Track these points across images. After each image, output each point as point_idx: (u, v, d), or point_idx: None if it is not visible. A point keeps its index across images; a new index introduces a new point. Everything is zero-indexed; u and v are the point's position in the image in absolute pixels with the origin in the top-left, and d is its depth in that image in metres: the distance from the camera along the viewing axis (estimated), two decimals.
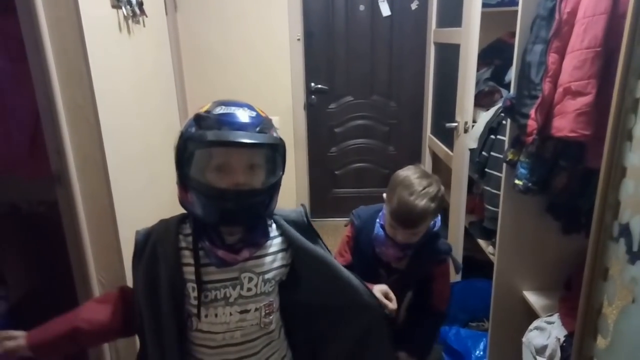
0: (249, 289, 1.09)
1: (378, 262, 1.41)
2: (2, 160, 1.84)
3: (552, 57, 1.30)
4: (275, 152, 1.05)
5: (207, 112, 1.01)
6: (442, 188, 1.32)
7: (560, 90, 1.27)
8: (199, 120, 1.01)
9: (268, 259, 1.11)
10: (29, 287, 2.13)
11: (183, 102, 2.87)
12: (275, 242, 1.13)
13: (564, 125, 1.26)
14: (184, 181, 1.03)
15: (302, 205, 1.24)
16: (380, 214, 1.42)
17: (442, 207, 1.32)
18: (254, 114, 1.02)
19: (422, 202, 1.25)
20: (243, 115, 1.00)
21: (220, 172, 1.00)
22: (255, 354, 1.12)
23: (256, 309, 1.09)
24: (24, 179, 1.88)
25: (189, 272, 1.06)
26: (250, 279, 1.09)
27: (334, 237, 3.41)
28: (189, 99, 2.97)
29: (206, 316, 1.07)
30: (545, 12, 1.35)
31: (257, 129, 1.00)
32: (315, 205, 3.66)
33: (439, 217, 1.43)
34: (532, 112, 1.35)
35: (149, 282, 1.08)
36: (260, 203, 1.03)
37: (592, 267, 1.11)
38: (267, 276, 1.11)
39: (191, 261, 1.06)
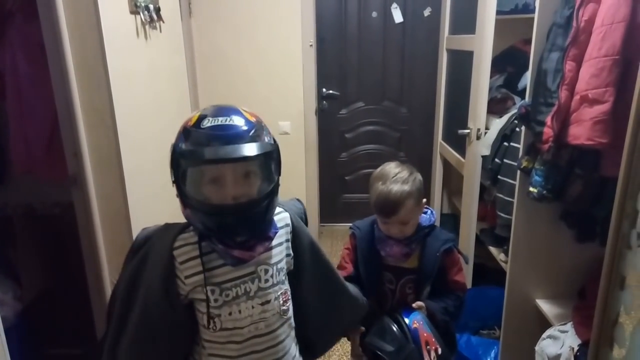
0: (267, 280, 1.10)
1: (384, 267, 1.42)
2: (20, 161, 1.87)
3: (569, 65, 1.30)
4: (269, 159, 1.03)
5: (195, 125, 0.98)
6: (418, 174, 1.35)
7: (577, 98, 1.27)
8: (188, 134, 0.99)
9: (278, 249, 1.14)
10: (42, 287, 2.15)
11: (196, 107, 2.89)
12: (280, 233, 1.15)
13: (580, 133, 1.25)
14: (182, 197, 1.03)
15: (299, 199, 1.27)
16: (376, 220, 1.44)
17: (421, 191, 1.33)
18: (242, 121, 0.99)
19: (395, 187, 1.28)
20: (232, 127, 0.97)
21: (215, 185, 0.99)
22: (280, 343, 1.14)
23: (275, 299, 1.12)
24: (40, 180, 1.90)
25: (199, 280, 1.06)
26: (267, 271, 1.10)
27: (342, 242, 3.40)
28: (202, 103, 2.99)
29: (230, 314, 1.08)
30: (562, 20, 1.35)
31: (248, 138, 0.97)
32: (325, 210, 3.66)
33: (433, 212, 1.45)
34: (548, 120, 1.35)
35: (131, 282, 1.07)
36: (260, 212, 1.02)
37: (608, 276, 1.11)
38: (279, 265, 1.13)
39: (199, 269, 1.06)
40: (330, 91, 3.47)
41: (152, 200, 1.89)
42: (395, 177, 1.31)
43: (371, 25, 3.37)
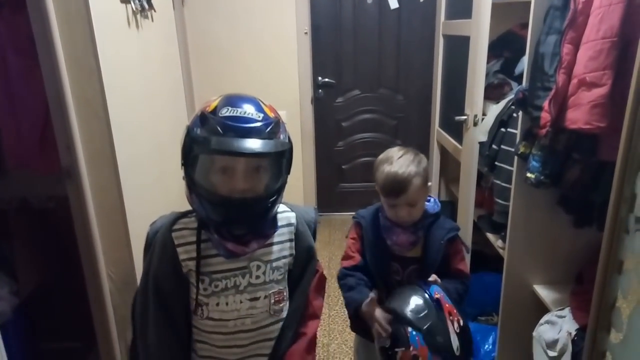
0: (258, 277, 1.10)
1: (391, 256, 1.41)
2: (13, 155, 1.85)
3: (566, 48, 1.28)
4: (281, 157, 1.03)
5: (213, 112, 0.98)
6: (422, 156, 1.36)
7: (574, 81, 1.26)
8: (204, 120, 0.98)
9: (276, 247, 1.13)
10: (38, 282, 2.15)
11: (190, 97, 2.87)
12: (282, 231, 1.14)
13: (578, 117, 1.24)
14: (189, 183, 1.03)
15: (315, 209, 1.27)
16: (381, 208, 1.43)
17: (427, 172, 1.34)
18: (261, 116, 0.98)
19: (402, 167, 1.29)
20: (249, 119, 0.97)
21: (224, 175, 0.99)
22: (269, 341, 1.14)
23: (265, 297, 1.11)
24: (35, 174, 1.88)
25: (192, 265, 1.07)
26: (259, 267, 1.10)
27: (340, 232, 3.41)
28: (196, 93, 2.96)
29: (217, 304, 1.08)
30: (560, 3, 1.33)
31: (264, 134, 0.97)
32: (322, 200, 3.66)
33: (437, 200, 1.44)
34: (546, 104, 1.33)
35: (146, 273, 1.11)
36: (263, 208, 1.03)
37: (606, 260, 1.10)
38: (275, 264, 1.12)
39: (193, 255, 1.07)
40: (326, 79, 3.44)
41: (147, 191, 1.88)
42: (401, 158, 1.32)
43: (366, 12, 3.33)
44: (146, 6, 1.94)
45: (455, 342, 1.19)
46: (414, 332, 1.19)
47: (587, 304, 1.34)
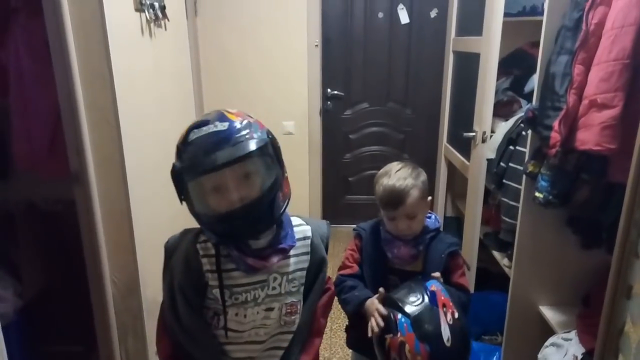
0: (274, 288, 1.11)
1: (390, 270, 1.40)
2: (22, 158, 1.86)
3: (577, 69, 1.28)
4: (262, 154, 1.02)
5: (184, 141, 1.00)
6: (422, 170, 1.37)
7: (585, 102, 1.25)
8: (178, 152, 1.02)
9: (293, 260, 1.14)
10: (42, 284, 2.15)
11: (200, 106, 2.89)
12: (298, 244, 1.15)
13: (588, 138, 1.23)
14: (193, 214, 1.05)
15: (327, 222, 1.26)
16: (382, 221, 1.43)
17: (426, 185, 1.34)
18: (225, 125, 0.99)
19: (400, 180, 1.31)
20: (216, 133, 0.97)
21: (218, 193, 1.00)
22: (277, 349, 1.16)
23: (279, 308, 1.13)
24: (42, 177, 1.90)
25: (214, 278, 1.08)
26: (275, 279, 1.11)
27: (345, 244, 3.37)
28: (206, 102, 2.98)
29: (236, 314, 1.10)
30: (571, 23, 1.33)
31: (233, 139, 0.97)
32: (328, 211, 3.65)
33: (437, 217, 1.44)
34: (556, 124, 1.32)
35: (170, 289, 1.11)
36: (267, 209, 1.02)
37: (615, 284, 1.09)
38: (291, 276, 1.13)
39: (214, 268, 1.07)
40: (335, 92, 3.46)
41: (154, 199, 1.88)
42: (399, 171, 1.33)
43: (377, 26, 3.35)
44: (160, 15, 1.96)
45: (446, 332, 1.16)
46: (402, 319, 1.17)
47: (594, 327, 1.31)
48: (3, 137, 1.92)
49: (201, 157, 0.96)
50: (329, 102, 3.47)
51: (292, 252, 1.13)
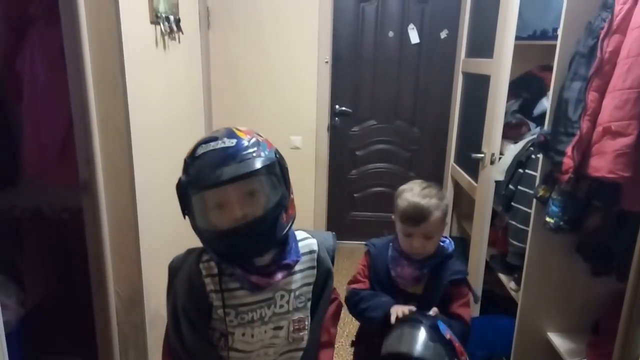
0: (282, 306, 1.09)
1: (394, 289, 1.38)
2: (31, 164, 1.87)
3: (591, 96, 1.28)
4: (269, 173, 1.01)
5: (191, 155, 1.00)
6: (445, 192, 1.38)
7: (599, 129, 1.25)
8: (185, 166, 1.01)
9: (299, 275, 1.12)
10: (46, 293, 2.14)
11: (209, 118, 2.90)
12: (304, 259, 1.13)
13: (602, 165, 1.23)
14: (195, 231, 1.03)
15: (333, 234, 1.24)
16: (393, 238, 1.42)
17: (448, 208, 1.35)
18: (233, 142, 0.98)
19: (425, 198, 1.30)
20: (224, 149, 0.97)
21: (221, 209, 0.99)
22: None
23: (287, 325, 1.11)
24: (51, 184, 1.90)
25: (218, 298, 1.06)
26: (282, 296, 1.09)
27: (349, 261, 3.37)
28: (215, 115, 3.00)
29: (243, 334, 1.08)
30: (585, 50, 1.33)
31: (240, 156, 0.97)
32: (332, 227, 3.62)
33: (451, 242, 1.42)
34: (569, 150, 1.32)
35: (174, 310, 1.10)
36: (269, 228, 1.00)
37: (629, 313, 1.07)
38: (298, 292, 1.11)
39: (218, 288, 1.06)
40: (343, 108, 3.47)
41: (162, 211, 1.88)
42: (425, 189, 1.33)
43: (387, 45, 3.38)
44: (175, 28, 1.99)
45: None
46: None
47: (604, 356, 1.30)
48: (14, 143, 1.93)
49: (207, 172, 0.95)
50: (336, 118, 3.48)
51: (297, 268, 1.11)
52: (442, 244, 1.38)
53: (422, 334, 1.19)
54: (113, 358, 1.78)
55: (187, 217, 1.04)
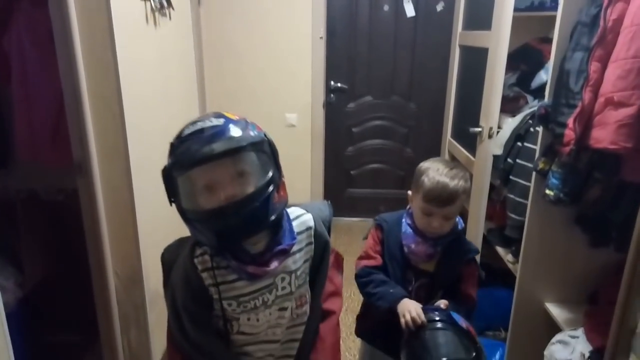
0: (284, 288, 1.09)
1: (407, 265, 1.39)
2: (24, 146, 1.84)
3: (594, 66, 1.26)
4: (258, 151, 0.99)
5: (178, 137, 0.98)
6: (468, 173, 1.34)
7: (601, 100, 1.23)
8: (172, 148, 0.99)
9: (297, 255, 1.11)
10: (44, 274, 2.13)
11: (202, 95, 2.86)
12: (301, 238, 1.12)
13: (604, 136, 1.22)
14: (182, 216, 1.01)
15: (328, 202, 1.23)
16: (406, 214, 1.40)
17: (470, 191, 1.34)
18: (221, 121, 0.96)
19: (454, 179, 1.28)
20: (211, 127, 0.95)
21: (210, 191, 0.96)
22: (296, 340, 1.16)
23: (291, 306, 1.12)
24: (45, 166, 1.87)
25: (217, 291, 1.06)
26: (283, 279, 1.09)
27: (347, 236, 3.39)
28: (208, 92, 2.95)
29: (248, 319, 1.09)
30: (588, 19, 1.31)
31: (227, 135, 0.95)
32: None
33: (460, 219, 1.41)
34: (570, 122, 1.31)
35: (172, 308, 1.10)
36: (260, 207, 0.97)
37: (629, 283, 1.08)
38: (299, 272, 1.12)
39: (216, 281, 1.06)
40: (339, 84, 3.43)
41: (158, 189, 1.85)
42: (453, 170, 1.30)
43: (382, 19, 3.32)
44: (165, 4, 1.93)
45: None
46: None
47: (602, 326, 1.31)
48: (5, 125, 1.89)
49: (194, 149, 0.93)
50: (332, 95, 3.44)
51: (295, 248, 1.10)
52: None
53: (443, 335, 1.18)
54: (115, 337, 1.79)
55: (173, 204, 1.02)
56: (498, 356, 2.05)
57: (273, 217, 0.99)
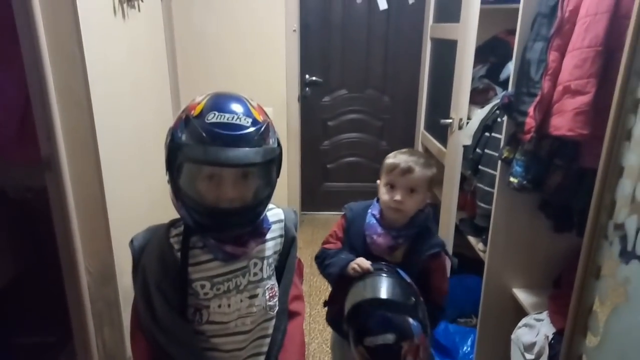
0: (255, 274, 1.10)
1: (369, 256, 1.40)
2: None
3: (552, 55, 1.30)
4: (272, 162, 1.01)
5: (199, 116, 0.93)
6: (434, 163, 1.40)
7: (559, 88, 1.28)
8: (190, 126, 0.94)
9: (270, 243, 1.13)
10: (14, 274, 2.09)
11: (175, 88, 2.83)
12: (274, 228, 1.15)
13: (562, 124, 1.26)
14: (174, 189, 1.00)
15: (294, 211, 1.25)
16: (373, 205, 1.42)
17: (434, 176, 1.37)
18: (249, 121, 0.94)
19: (413, 155, 1.36)
20: (238, 127, 0.93)
21: (211, 182, 0.97)
22: (265, 337, 1.16)
23: (262, 294, 1.12)
24: (12, 163, 1.83)
25: (194, 271, 1.06)
26: (256, 264, 1.10)
27: (324, 230, 3.38)
28: (182, 85, 2.92)
29: (219, 306, 1.08)
30: (547, 10, 1.35)
31: (253, 142, 0.94)
32: (306, 199, 3.65)
33: (431, 212, 1.44)
34: (531, 110, 1.35)
35: (142, 291, 1.08)
36: (256, 215, 1.02)
37: (585, 265, 1.12)
38: (270, 260, 1.13)
39: (192, 261, 1.06)
40: (314, 78, 3.44)
41: (129, 184, 1.85)
42: (417, 156, 1.37)
43: (355, 12, 3.34)
44: None
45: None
46: (415, 322, 1.19)
47: (564, 308, 1.36)
48: None
49: (217, 146, 0.91)
50: (307, 89, 3.45)
51: (268, 236, 1.12)
52: (420, 212, 1.39)
53: (385, 279, 1.24)
54: (88, 336, 1.77)
55: (168, 176, 1.01)
56: (470, 342, 2.10)
57: (258, 219, 1.05)
